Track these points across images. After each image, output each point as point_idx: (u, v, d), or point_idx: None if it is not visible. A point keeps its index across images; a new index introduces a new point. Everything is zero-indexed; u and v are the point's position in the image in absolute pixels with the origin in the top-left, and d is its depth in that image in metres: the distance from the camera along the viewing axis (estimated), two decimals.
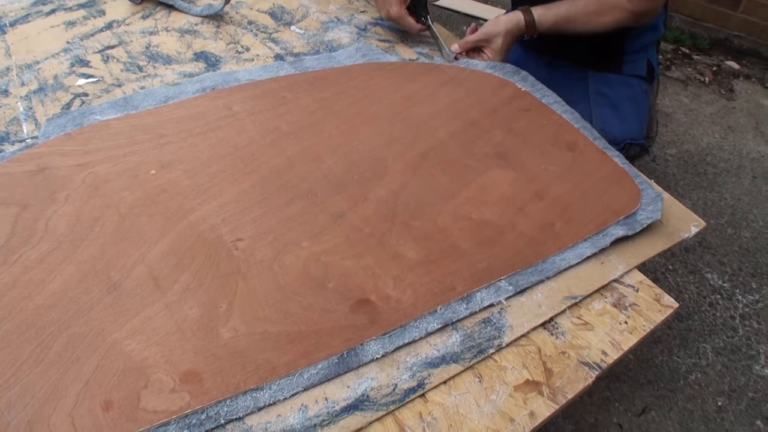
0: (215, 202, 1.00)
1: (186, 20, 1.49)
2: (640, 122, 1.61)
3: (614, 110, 1.59)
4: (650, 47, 1.67)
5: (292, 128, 1.17)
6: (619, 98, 1.61)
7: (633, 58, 1.64)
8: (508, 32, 1.45)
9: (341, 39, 1.51)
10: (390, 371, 0.83)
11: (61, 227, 0.92)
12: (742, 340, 1.90)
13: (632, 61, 1.64)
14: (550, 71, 1.67)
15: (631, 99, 1.62)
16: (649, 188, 1.16)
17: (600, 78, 1.64)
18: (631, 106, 1.61)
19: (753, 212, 2.40)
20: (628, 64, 1.64)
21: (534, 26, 1.45)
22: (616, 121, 1.56)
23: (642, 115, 1.63)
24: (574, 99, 1.45)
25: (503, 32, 1.45)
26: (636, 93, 1.63)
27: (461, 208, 1.06)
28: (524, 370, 0.86)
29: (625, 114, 1.59)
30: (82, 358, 0.77)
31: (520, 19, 1.45)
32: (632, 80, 1.64)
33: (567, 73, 1.66)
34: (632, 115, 1.60)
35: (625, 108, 1.60)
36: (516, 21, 1.45)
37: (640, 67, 1.65)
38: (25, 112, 1.14)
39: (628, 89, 1.63)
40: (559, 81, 1.53)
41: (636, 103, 1.63)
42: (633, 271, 1.04)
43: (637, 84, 1.64)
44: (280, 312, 0.85)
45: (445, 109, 1.28)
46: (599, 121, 1.54)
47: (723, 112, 2.98)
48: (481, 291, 0.94)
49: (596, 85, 1.63)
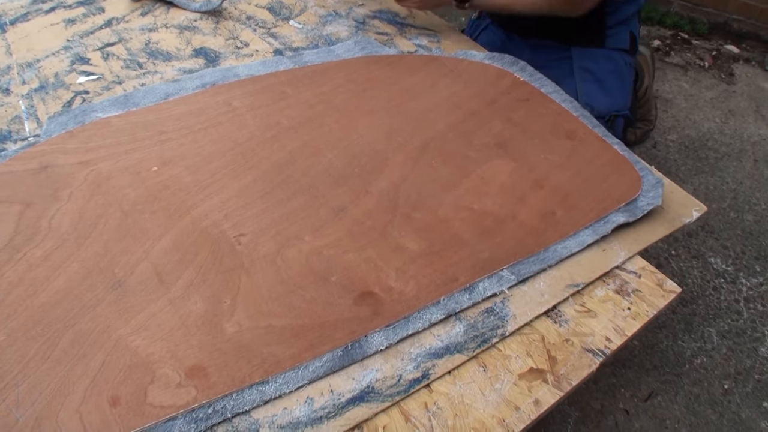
0: (217, 197, 1.01)
1: (185, 16, 1.49)
2: (624, 95, 1.62)
3: (599, 85, 1.60)
4: (631, 19, 1.67)
5: (293, 123, 1.17)
6: (604, 72, 1.62)
7: (615, 31, 1.64)
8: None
9: (340, 33, 1.51)
10: (394, 362, 0.83)
11: (64, 225, 0.93)
12: (747, 323, 1.90)
13: (614, 35, 1.65)
14: (534, 52, 1.67)
15: (615, 72, 1.63)
16: (650, 174, 1.16)
17: (584, 54, 1.64)
18: (616, 79, 1.62)
19: (755, 196, 2.40)
20: (611, 38, 1.64)
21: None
22: (601, 96, 1.57)
23: (626, 88, 1.64)
24: (560, 77, 1.44)
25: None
26: (620, 66, 1.64)
27: (462, 199, 1.06)
28: (528, 359, 0.87)
29: (609, 88, 1.60)
30: (88, 354, 0.77)
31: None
32: (615, 54, 1.65)
33: (551, 52, 1.66)
34: (617, 88, 1.61)
35: (610, 82, 1.61)
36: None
37: (623, 40, 1.66)
38: (27, 110, 1.15)
39: (612, 63, 1.63)
40: (543, 61, 1.53)
41: (620, 76, 1.64)
42: (635, 257, 1.04)
43: (621, 57, 1.65)
44: (284, 306, 0.86)
45: (444, 100, 1.28)
46: (585, 97, 1.56)
47: (723, 96, 2.97)
48: (483, 281, 0.94)
49: (581, 61, 1.64)
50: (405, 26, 1.58)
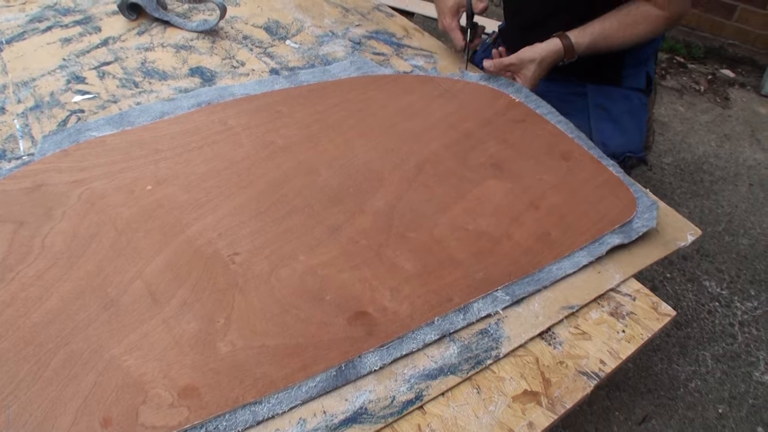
0: (211, 216, 1.00)
1: (181, 36, 1.50)
2: (639, 135, 1.60)
3: (614, 124, 1.58)
4: (649, 59, 1.67)
5: (288, 142, 1.17)
6: (619, 112, 1.60)
7: (633, 71, 1.64)
8: (543, 60, 1.42)
9: (336, 53, 1.52)
10: (388, 383, 0.83)
11: (57, 244, 0.92)
12: (742, 347, 1.90)
13: (632, 75, 1.64)
14: (548, 85, 1.66)
15: (630, 112, 1.61)
16: (645, 197, 1.16)
17: (599, 91, 1.63)
18: (631, 119, 1.60)
19: (750, 219, 2.41)
20: (628, 78, 1.64)
21: (573, 50, 1.42)
22: (616, 135, 1.55)
23: (641, 128, 1.62)
24: (573, 112, 1.44)
25: (538, 60, 1.42)
26: (635, 106, 1.63)
27: (457, 219, 1.06)
28: (522, 381, 0.86)
29: (624, 128, 1.58)
30: (80, 374, 0.77)
31: (558, 45, 1.42)
32: (632, 93, 1.64)
33: (566, 86, 1.64)
34: (632, 128, 1.59)
35: (625, 121, 1.59)
36: (554, 47, 1.42)
37: (640, 80, 1.65)
38: (22, 129, 1.15)
39: (628, 103, 1.62)
40: (557, 95, 1.53)
41: (635, 116, 1.62)
42: (630, 279, 1.04)
43: (637, 97, 1.64)
44: (278, 325, 0.86)
45: (440, 121, 1.28)
46: (599, 135, 1.54)
47: (719, 120, 2.99)
48: (478, 301, 0.94)
49: (596, 98, 1.62)
50: (401, 47, 1.58)
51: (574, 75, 1.63)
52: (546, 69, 1.45)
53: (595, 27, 1.42)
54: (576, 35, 1.42)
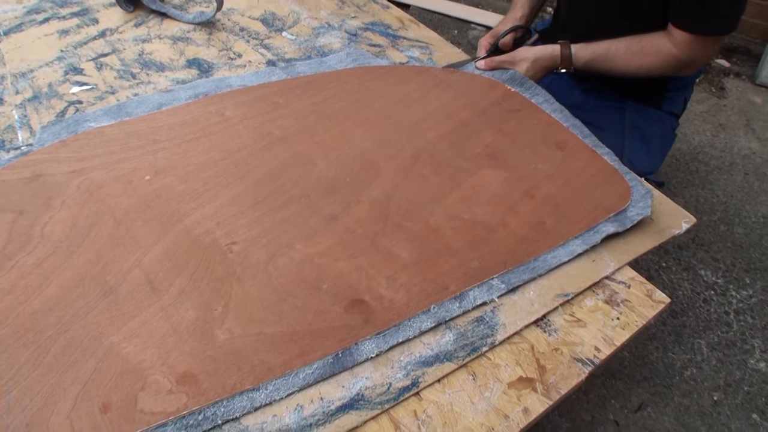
0: (209, 206, 1.01)
1: (178, 27, 1.50)
2: (661, 159, 1.60)
3: (646, 145, 1.57)
4: (689, 86, 1.66)
5: (285, 133, 1.18)
6: (653, 135, 1.59)
7: (673, 95, 1.62)
8: (537, 60, 1.43)
9: (332, 44, 1.52)
10: (384, 370, 0.84)
11: (57, 233, 0.93)
12: (737, 335, 1.91)
13: (672, 98, 1.62)
14: (585, 96, 1.66)
15: (663, 137, 1.61)
16: (639, 185, 1.17)
17: (638, 110, 1.61)
18: (660, 143, 1.60)
19: (745, 208, 2.42)
20: (668, 101, 1.62)
21: (570, 60, 1.42)
22: (644, 157, 1.54)
23: (665, 152, 1.62)
24: (608, 126, 1.44)
25: (531, 59, 1.43)
26: (667, 131, 1.63)
27: (453, 209, 1.07)
28: (518, 367, 0.87)
29: (653, 151, 1.58)
30: (79, 361, 0.77)
31: (555, 51, 1.43)
32: (666, 117, 1.63)
33: (603, 100, 1.64)
34: (658, 152, 1.60)
35: (655, 144, 1.59)
36: (550, 51, 1.43)
37: (678, 104, 1.64)
38: (20, 119, 1.15)
39: (662, 126, 1.62)
40: (593, 106, 1.52)
41: (665, 141, 1.62)
42: (624, 267, 1.05)
43: (670, 122, 1.64)
44: (275, 313, 0.86)
45: (436, 111, 1.29)
46: (630, 153, 1.52)
47: (714, 110, 3.00)
48: (473, 290, 0.95)
49: (633, 116, 1.60)
50: (397, 38, 1.59)
51: (616, 90, 1.62)
52: (539, 70, 1.45)
53: (601, 45, 1.41)
54: (578, 48, 1.42)
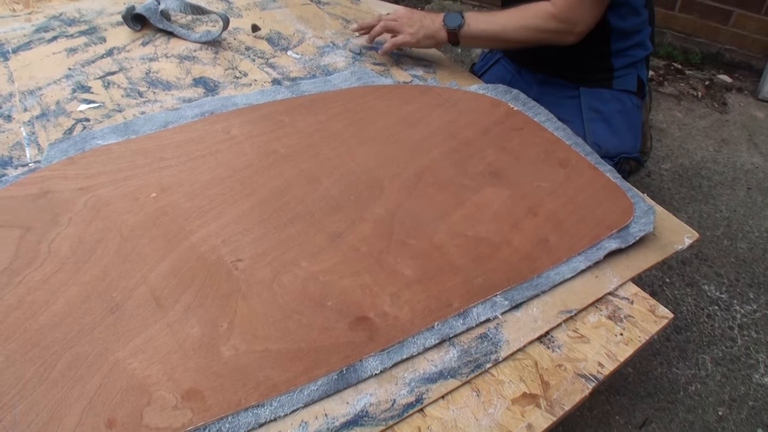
0: (215, 223, 1.02)
1: (185, 46, 1.52)
2: (633, 136, 1.62)
3: (607, 125, 1.61)
4: (639, 64, 1.68)
5: (290, 151, 1.19)
6: (611, 112, 1.62)
7: (623, 73, 1.66)
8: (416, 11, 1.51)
9: (337, 63, 1.54)
10: (388, 387, 0.84)
11: (64, 249, 0.94)
12: (741, 349, 1.91)
13: (622, 77, 1.66)
14: (541, 88, 1.69)
15: (623, 113, 1.64)
16: (641, 201, 1.18)
17: (592, 93, 1.66)
18: (624, 120, 1.63)
19: (749, 223, 2.42)
20: (618, 80, 1.66)
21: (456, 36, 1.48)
22: (609, 136, 1.57)
23: (635, 129, 1.64)
24: (566, 115, 1.46)
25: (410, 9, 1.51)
26: (627, 107, 1.65)
27: (456, 226, 1.08)
28: (521, 384, 0.87)
29: (617, 128, 1.61)
30: (85, 376, 0.78)
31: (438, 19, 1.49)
32: (623, 95, 1.66)
33: (559, 89, 1.68)
34: (625, 129, 1.62)
35: (618, 122, 1.62)
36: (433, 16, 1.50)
37: (630, 82, 1.67)
38: (28, 137, 1.17)
39: (620, 104, 1.65)
40: (550, 97, 1.55)
41: (628, 117, 1.64)
42: (627, 283, 1.06)
43: (629, 99, 1.66)
44: (280, 330, 0.87)
45: (439, 129, 1.30)
46: (592, 136, 1.56)
47: (716, 125, 3.00)
48: (477, 306, 0.95)
49: (588, 100, 1.65)
50: (401, 57, 1.60)
51: (566, 78, 1.65)
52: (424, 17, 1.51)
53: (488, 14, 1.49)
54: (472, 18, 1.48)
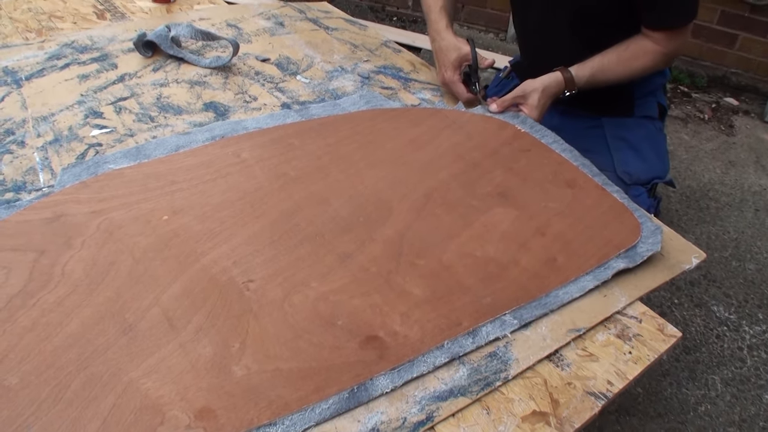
0: (226, 245, 1.03)
1: (195, 72, 1.54)
2: (661, 159, 1.63)
3: (635, 152, 1.61)
4: (658, 91, 1.71)
5: (300, 173, 1.20)
6: (637, 139, 1.63)
7: (643, 101, 1.68)
8: (546, 88, 1.46)
9: (345, 87, 1.55)
10: (399, 405, 0.85)
11: (77, 271, 0.95)
12: (751, 370, 1.90)
13: (642, 104, 1.68)
14: (563, 119, 1.69)
15: (648, 139, 1.64)
16: (648, 222, 1.19)
17: (615, 123, 1.66)
18: (650, 145, 1.63)
19: (757, 244, 2.42)
20: (639, 107, 1.68)
21: (573, 81, 1.47)
22: (638, 163, 1.57)
23: (662, 153, 1.65)
24: (591, 146, 1.47)
25: (540, 88, 1.46)
26: (652, 132, 1.66)
27: (465, 246, 1.09)
28: (531, 402, 0.88)
29: (645, 154, 1.61)
30: (99, 396, 0.79)
31: (558, 77, 1.47)
32: (645, 121, 1.67)
33: (581, 120, 1.68)
34: (653, 154, 1.62)
35: (645, 148, 1.62)
36: (554, 77, 1.47)
37: (651, 109, 1.69)
38: (41, 162, 1.18)
39: (644, 129, 1.66)
40: (573, 129, 1.55)
41: (654, 142, 1.65)
42: (636, 302, 1.06)
43: (651, 124, 1.67)
44: (291, 350, 0.88)
45: (448, 151, 1.31)
46: (622, 165, 1.56)
47: (723, 147, 3.01)
48: (486, 325, 0.96)
49: (613, 129, 1.66)
50: (409, 81, 1.62)
51: (587, 110, 1.66)
52: (549, 97, 1.48)
53: (594, 61, 1.49)
54: (576, 69, 1.48)
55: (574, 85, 1.48)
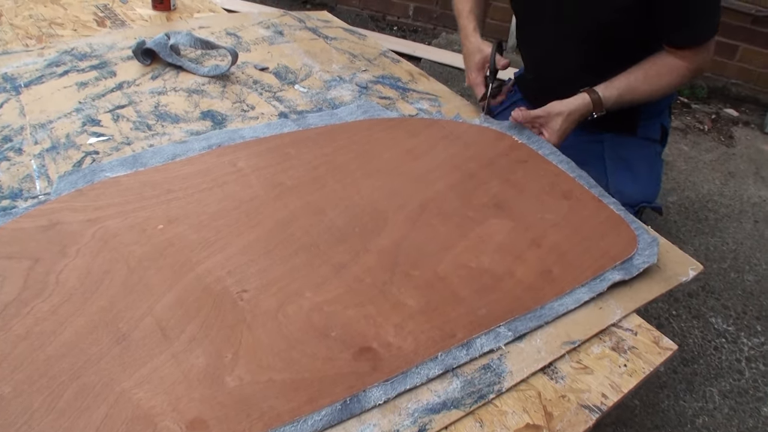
0: (221, 255, 1.03)
1: (193, 80, 1.54)
2: (654, 184, 1.63)
3: (631, 173, 1.59)
4: (664, 112, 1.71)
5: (296, 183, 1.21)
6: (635, 160, 1.62)
7: (647, 122, 1.67)
8: (572, 113, 1.44)
9: (343, 97, 1.56)
10: (392, 417, 0.84)
11: (71, 280, 0.95)
12: (749, 382, 1.90)
13: (647, 126, 1.67)
14: None
15: (646, 161, 1.64)
16: (645, 233, 1.18)
17: (616, 140, 1.65)
18: (646, 168, 1.63)
19: (755, 256, 2.42)
20: (643, 128, 1.67)
21: (601, 103, 1.45)
22: (632, 184, 1.56)
23: (656, 177, 1.65)
24: (590, 160, 1.45)
25: (565, 113, 1.44)
26: (650, 155, 1.66)
27: (460, 257, 1.08)
28: (525, 414, 0.88)
29: (640, 176, 1.60)
30: (91, 406, 0.79)
31: (587, 99, 1.45)
32: (647, 143, 1.67)
33: (581, 134, 1.64)
34: (647, 177, 1.61)
35: (641, 170, 1.61)
36: (582, 101, 1.45)
37: (655, 131, 1.69)
38: (38, 169, 1.18)
39: (643, 151, 1.65)
40: (572, 142, 1.55)
41: (651, 165, 1.65)
42: (631, 315, 1.06)
43: (652, 147, 1.67)
44: (285, 360, 0.88)
45: (444, 162, 1.31)
46: (616, 183, 1.55)
47: (723, 158, 3.02)
48: (480, 337, 0.96)
49: (613, 147, 1.64)
50: (407, 91, 1.62)
51: (590, 125, 1.65)
52: (573, 123, 1.46)
53: (621, 81, 1.46)
54: (603, 89, 1.45)
55: (602, 107, 1.46)
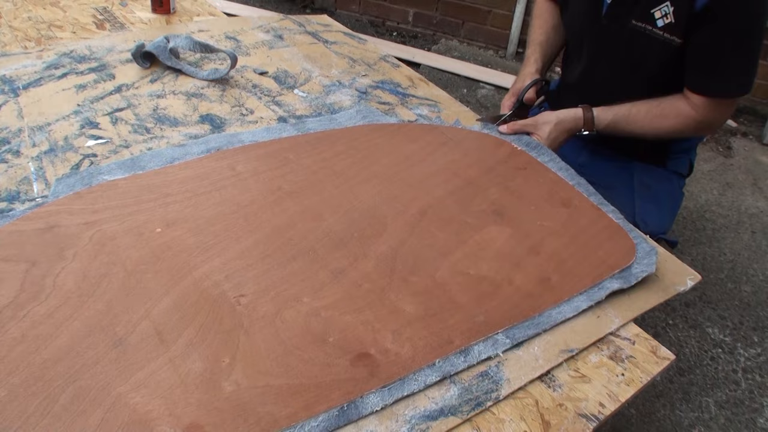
0: (219, 259, 1.03)
1: (193, 84, 1.54)
2: (672, 217, 1.63)
3: (656, 204, 1.59)
4: (693, 149, 1.71)
5: (294, 188, 1.20)
6: (662, 192, 1.62)
7: (676, 157, 1.67)
8: (560, 122, 1.46)
9: (343, 101, 1.55)
10: (389, 424, 0.84)
11: (68, 283, 0.95)
12: (745, 393, 1.89)
13: (676, 159, 1.67)
14: (591, 156, 1.69)
15: (671, 195, 1.64)
16: (644, 242, 1.18)
17: (645, 169, 1.65)
18: (669, 201, 1.63)
19: (753, 267, 2.42)
20: (672, 162, 1.67)
21: (592, 122, 1.45)
22: (656, 215, 1.56)
23: (675, 211, 1.65)
24: (618, 186, 1.46)
25: (554, 121, 1.45)
26: (674, 189, 1.66)
27: (459, 264, 1.08)
28: (522, 423, 0.87)
29: (663, 209, 1.60)
30: (87, 411, 0.78)
31: (578, 113, 1.46)
32: (674, 176, 1.67)
33: (611, 161, 1.66)
34: (668, 210, 1.62)
35: (665, 203, 1.61)
36: (573, 114, 1.46)
37: (683, 165, 1.68)
38: (36, 172, 1.18)
39: (670, 184, 1.65)
40: (600, 165, 1.55)
41: (674, 199, 1.65)
42: (629, 324, 1.06)
43: (677, 181, 1.67)
44: (282, 366, 0.87)
45: (443, 168, 1.31)
46: (642, 213, 1.54)
47: (721, 169, 3.02)
48: (478, 344, 0.95)
49: (641, 175, 1.64)
50: (406, 96, 1.62)
51: (622, 152, 1.64)
52: (563, 132, 1.47)
53: (622, 108, 1.46)
54: (600, 110, 1.46)
55: (593, 126, 1.46)
